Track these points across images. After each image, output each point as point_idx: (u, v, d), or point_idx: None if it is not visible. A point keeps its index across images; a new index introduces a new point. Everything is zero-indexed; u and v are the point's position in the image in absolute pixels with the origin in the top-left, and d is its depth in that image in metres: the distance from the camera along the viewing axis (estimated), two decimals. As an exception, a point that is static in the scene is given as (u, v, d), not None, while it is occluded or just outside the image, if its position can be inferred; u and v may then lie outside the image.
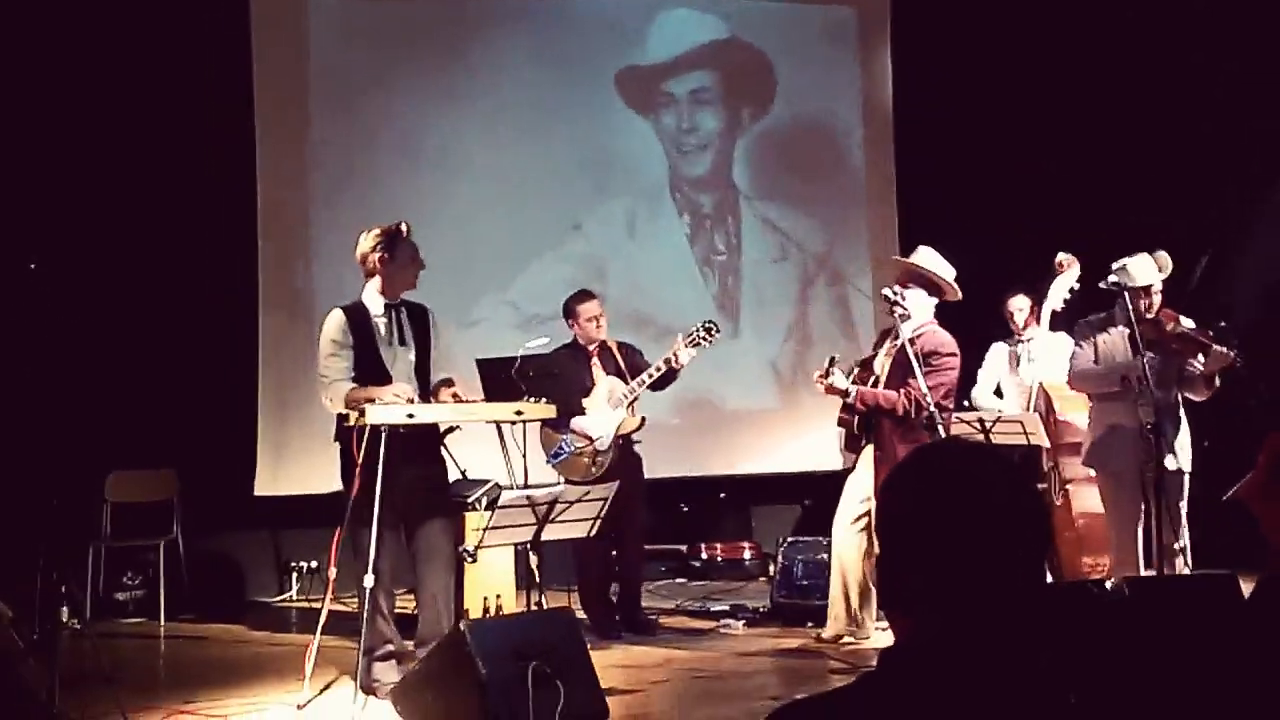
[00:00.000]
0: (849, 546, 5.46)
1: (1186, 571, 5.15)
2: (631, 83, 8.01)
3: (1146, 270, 5.26)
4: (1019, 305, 6.62)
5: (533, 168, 7.69)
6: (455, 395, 4.75)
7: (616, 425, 5.89)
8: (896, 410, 5.23)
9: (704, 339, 5.83)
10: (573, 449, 5.87)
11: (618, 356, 6.06)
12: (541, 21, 7.83)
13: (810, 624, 5.77)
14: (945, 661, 1.39)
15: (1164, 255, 5.31)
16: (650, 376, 5.84)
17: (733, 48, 8.27)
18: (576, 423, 5.86)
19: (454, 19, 7.65)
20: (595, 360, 6.07)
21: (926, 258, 5.60)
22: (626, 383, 5.92)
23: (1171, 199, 6.99)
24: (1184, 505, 5.28)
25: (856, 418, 5.46)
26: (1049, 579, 5.90)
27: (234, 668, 5.35)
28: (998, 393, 6.75)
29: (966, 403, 6.64)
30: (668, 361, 5.79)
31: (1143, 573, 5.10)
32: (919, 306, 5.44)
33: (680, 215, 8.19)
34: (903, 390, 5.22)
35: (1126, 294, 5.18)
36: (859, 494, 5.46)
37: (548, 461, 5.93)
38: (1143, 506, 5.20)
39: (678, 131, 8.15)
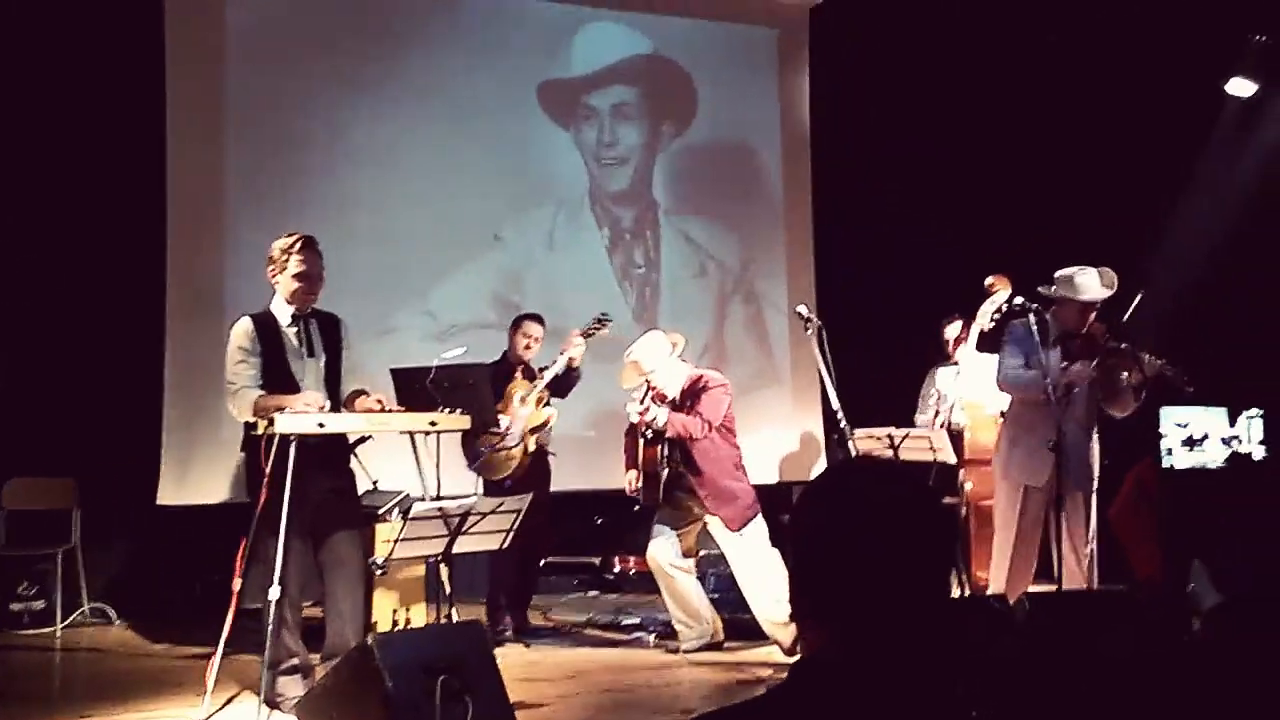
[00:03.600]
0: None
1: (1085, 586, 5.25)
2: (553, 95, 7.98)
3: (1094, 285, 5.33)
4: (952, 331, 6.74)
5: (454, 178, 7.61)
6: (380, 403, 4.68)
7: (525, 420, 6.01)
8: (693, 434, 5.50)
9: (595, 329, 6.13)
10: (487, 448, 5.86)
11: (536, 382, 6.17)
12: (465, 31, 7.76)
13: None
14: (854, 674, 1.41)
15: (1110, 273, 5.39)
16: (550, 373, 6.04)
17: (655, 63, 8.30)
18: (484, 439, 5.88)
19: (378, 25, 7.54)
20: (517, 375, 6.20)
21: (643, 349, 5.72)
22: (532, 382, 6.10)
23: (1086, 219, 7.15)
24: (1093, 519, 5.39)
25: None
26: (957, 593, 5.99)
27: (133, 681, 5.18)
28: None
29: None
30: (565, 355, 6.05)
31: (1039, 587, 5.20)
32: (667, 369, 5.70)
33: (600, 228, 8.18)
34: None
35: (1067, 305, 5.27)
36: None
37: (469, 467, 5.92)
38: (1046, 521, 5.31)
39: (598, 145, 8.14)
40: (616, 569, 7.72)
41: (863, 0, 8.04)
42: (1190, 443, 4.79)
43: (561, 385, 6.16)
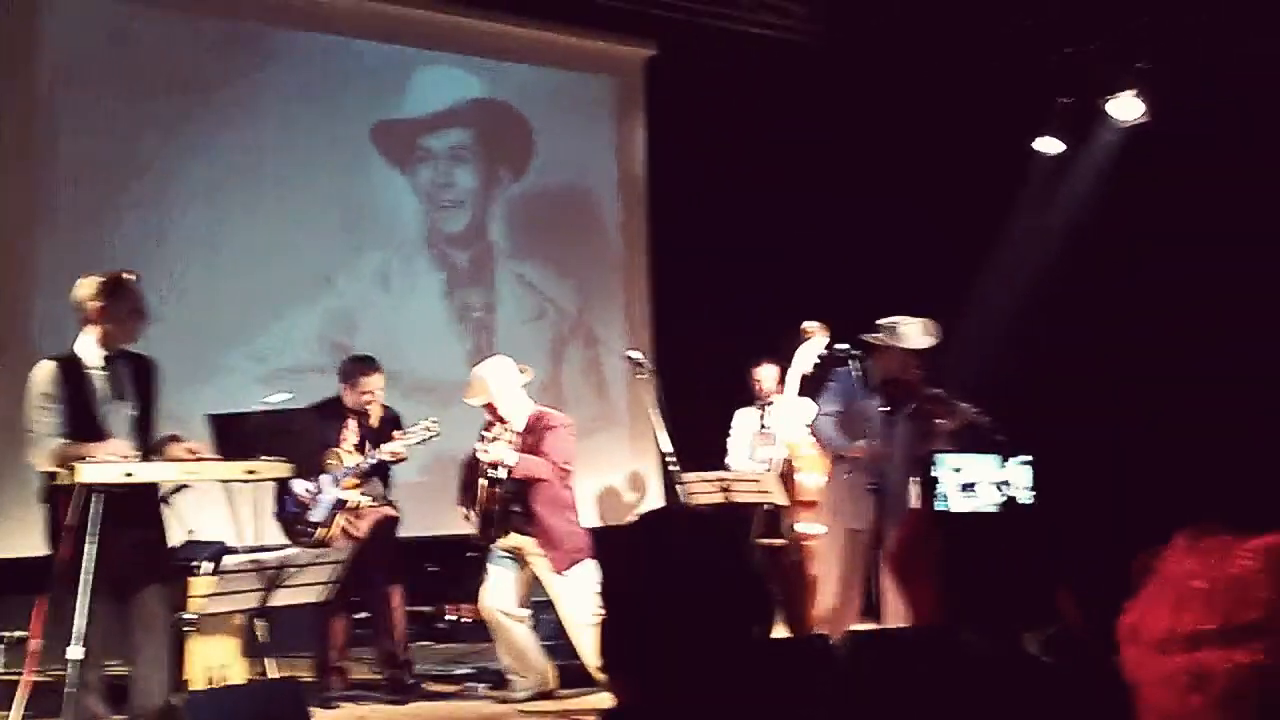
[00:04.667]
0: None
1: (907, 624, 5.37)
2: (389, 136, 7.87)
3: (917, 334, 5.51)
4: (767, 373, 6.84)
5: (286, 218, 7.40)
6: (191, 450, 4.48)
7: (334, 500, 5.65)
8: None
9: (419, 437, 5.77)
10: (292, 511, 5.61)
11: (370, 425, 5.86)
12: (299, 69, 7.59)
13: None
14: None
15: (932, 323, 5.58)
16: (366, 464, 5.70)
17: (491, 107, 8.27)
18: (296, 484, 5.58)
19: (209, 61, 7.31)
20: (351, 422, 5.87)
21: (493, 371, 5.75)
22: (361, 454, 5.74)
23: (906, 270, 7.41)
24: None
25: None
26: (787, 633, 6.07)
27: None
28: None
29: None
30: (393, 454, 5.72)
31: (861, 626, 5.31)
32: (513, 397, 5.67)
33: (437, 271, 8.07)
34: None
35: (891, 352, 5.43)
36: None
37: (274, 515, 5.66)
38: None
39: (434, 187, 8.05)
40: (450, 617, 7.53)
41: (696, 52, 8.20)
42: (966, 488, 4.99)
43: (377, 470, 5.82)
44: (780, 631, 6.21)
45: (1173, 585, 1.11)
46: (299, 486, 5.58)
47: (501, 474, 5.55)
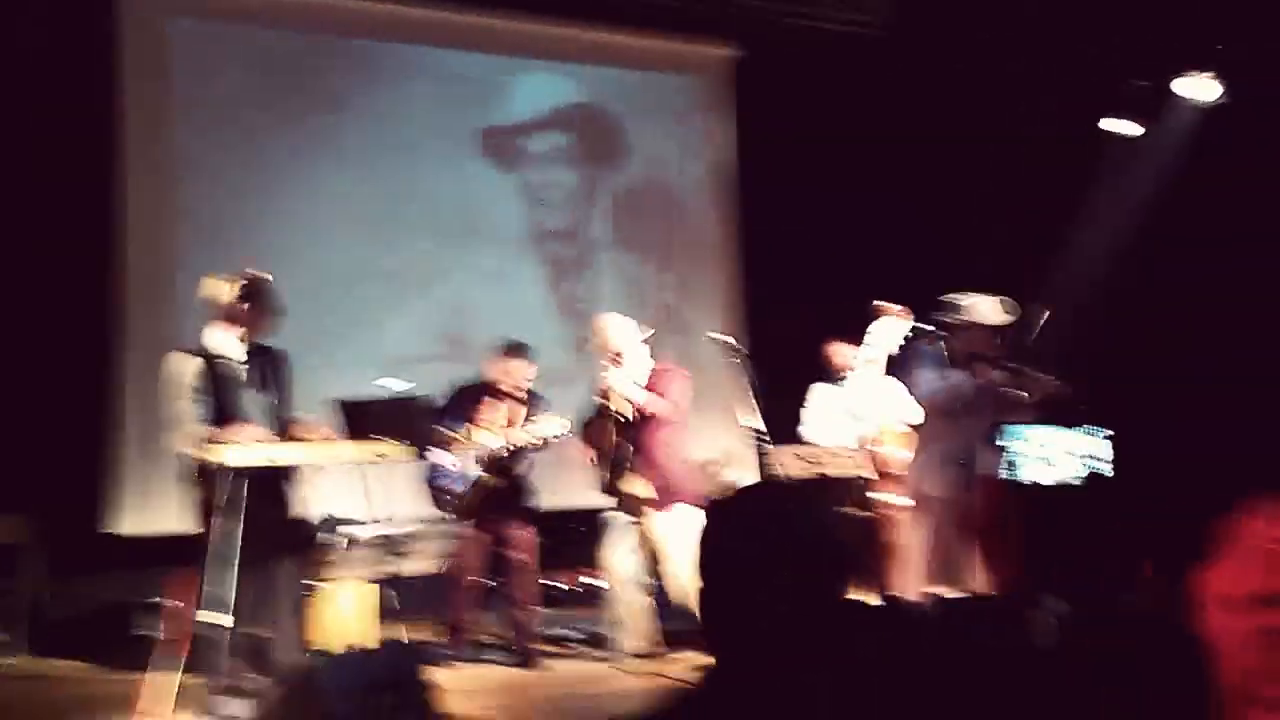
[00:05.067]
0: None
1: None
2: (493, 140, 7.99)
3: (996, 310, 5.38)
4: (843, 350, 6.72)
5: (401, 219, 7.57)
6: (322, 433, 4.59)
7: (474, 476, 5.60)
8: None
9: (552, 432, 5.62)
10: (441, 481, 5.56)
11: (512, 405, 5.75)
12: (412, 80, 7.74)
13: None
14: (754, 682, 1.42)
15: (1010, 300, 5.45)
16: (503, 451, 5.60)
17: (588, 110, 8.33)
18: (439, 455, 5.57)
19: (331, 75, 7.50)
20: (497, 404, 5.74)
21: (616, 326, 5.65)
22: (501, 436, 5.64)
23: (991, 251, 7.25)
24: None
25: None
26: (876, 600, 6.00)
27: (86, 704, 5.00)
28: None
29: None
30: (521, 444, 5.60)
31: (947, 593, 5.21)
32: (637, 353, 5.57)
33: (541, 265, 8.15)
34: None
35: (974, 329, 5.31)
36: None
37: (425, 479, 5.63)
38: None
39: (538, 186, 8.14)
40: (555, 584, 7.57)
41: (779, 50, 8.13)
42: (1047, 460, 4.85)
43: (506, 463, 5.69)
44: (869, 598, 6.14)
45: (1251, 548, 1.07)
46: (447, 459, 5.56)
47: (626, 410, 5.45)
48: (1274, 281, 6.69)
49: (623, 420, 5.47)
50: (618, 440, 5.49)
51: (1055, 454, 4.90)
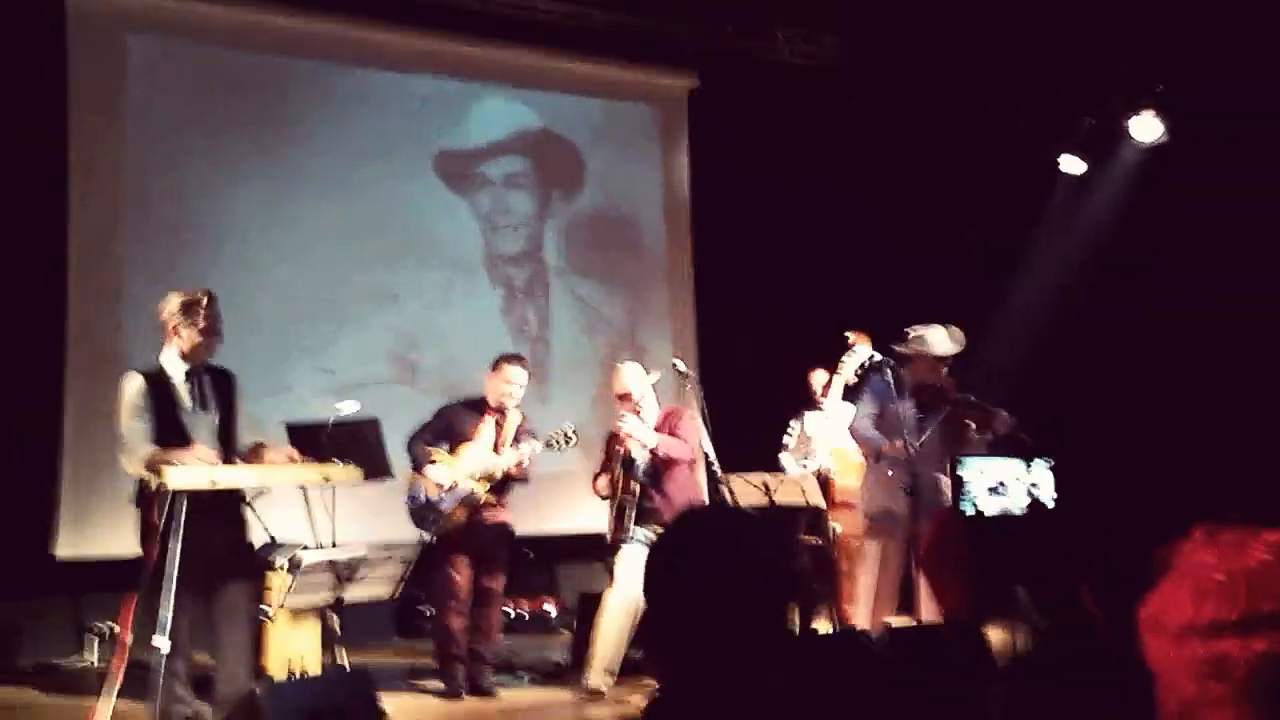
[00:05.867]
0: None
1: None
2: (449, 163, 7.97)
3: (944, 342, 5.47)
4: (818, 379, 6.83)
5: (352, 240, 7.52)
6: (291, 457, 4.53)
7: (464, 493, 5.50)
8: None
9: (559, 443, 5.59)
10: (424, 500, 5.51)
11: (508, 427, 5.66)
12: (365, 102, 7.70)
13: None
14: (697, 708, 1.41)
15: (958, 331, 5.54)
16: (499, 471, 5.52)
17: (544, 136, 8.35)
18: (431, 471, 5.49)
19: (282, 95, 7.45)
20: (489, 419, 5.64)
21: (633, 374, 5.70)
22: (495, 456, 5.56)
23: (939, 277, 7.37)
24: None
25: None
26: (831, 629, 6.03)
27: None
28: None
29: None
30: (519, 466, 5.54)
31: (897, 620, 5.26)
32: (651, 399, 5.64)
33: (494, 288, 8.14)
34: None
35: (921, 359, 5.39)
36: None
37: (404, 501, 5.59)
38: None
39: (493, 211, 8.14)
40: (510, 611, 7.54)
41: (735, 82, 8.23)
42: (992, 489, 4.94)
43: (500, 482, 5.60)
44: (821, 625, 6.16)
45: (1192, 577, 1.10)
46: (434, 474, 5.47)
47: (639, 458, 5.45)
48: (1216, 314, 6.87)
49: (633, 463, 5.47)
50: (624, 485, 5.49)
51: (1001, 483, 4.98)
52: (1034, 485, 4.92)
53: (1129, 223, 7.51)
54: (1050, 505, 4.73)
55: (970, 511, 4.87)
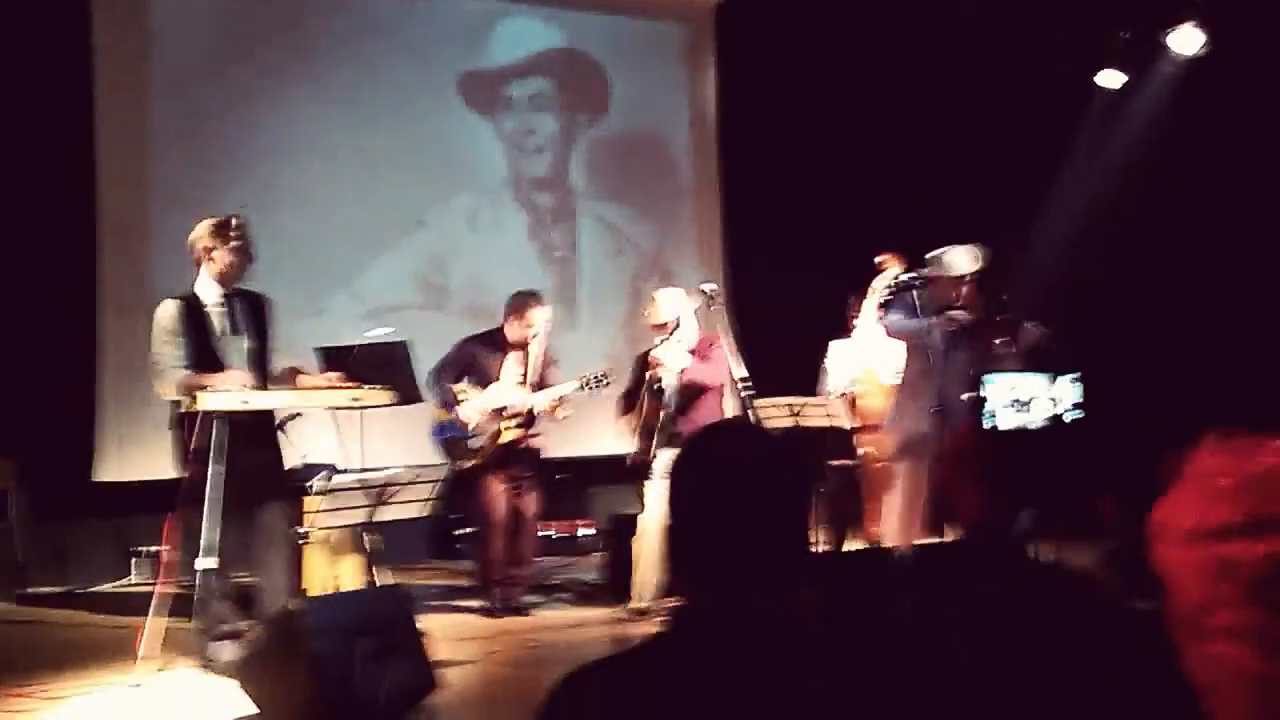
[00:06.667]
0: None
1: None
2: (473, 86, 7.92)
3: (963, 261, 5.44)
4: (850, 303, 6.79)
5: (378, 165, 7.53)
6: (330, 381, 4.59)
7: (494, 431, 5.55)
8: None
9: (594, 385, 5.59)
10: (452, 435, 5.57)
11: (533, 362, 5.68)
12: (387, 24, 7.65)
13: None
14: (719, 624, 1.42)
15: (976, 249, 5.49)
16: (530, 409, 5.57)
17: (569, 56, 8.27)
18: (462, 410, 5.56)
19: (298, 20, 7.41)
20: (512, 355, 5.65)
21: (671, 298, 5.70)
22: (524, 394, 5.58)
23: (975, 198, 7.28)
24: None
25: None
26: (855, 547, 6.11)
27: (72, 651, 5.07)
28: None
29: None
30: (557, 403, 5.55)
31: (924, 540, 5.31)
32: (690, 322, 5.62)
33: (520, 212, 8.14)
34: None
35: (941, 281, 5.36)
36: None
37: (431, 436, 5.66)
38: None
39: (518, 133, 8.10)
40: (544, 533, 7.67)
41: (762, 2, 8.08)
42: (1017, 404, 4.92)
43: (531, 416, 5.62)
44: (850, 546, 6.24)
45: (1200, 482, 1.12)
46: (464, 413, 5.53)
47: (669, 384, 5.47)
48: (1243, 226, 6.77)
49: (664, 389, 5.48)
50: (652, 408, 5.51)
51: (1024, 399, 4.97)
52: (1055, 400, 4.91)
53: (1167, 138, 7.37)
54: (1070, 419, 4.73)
55: (990, 426, 4.87)
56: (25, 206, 6.38)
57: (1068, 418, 4.73)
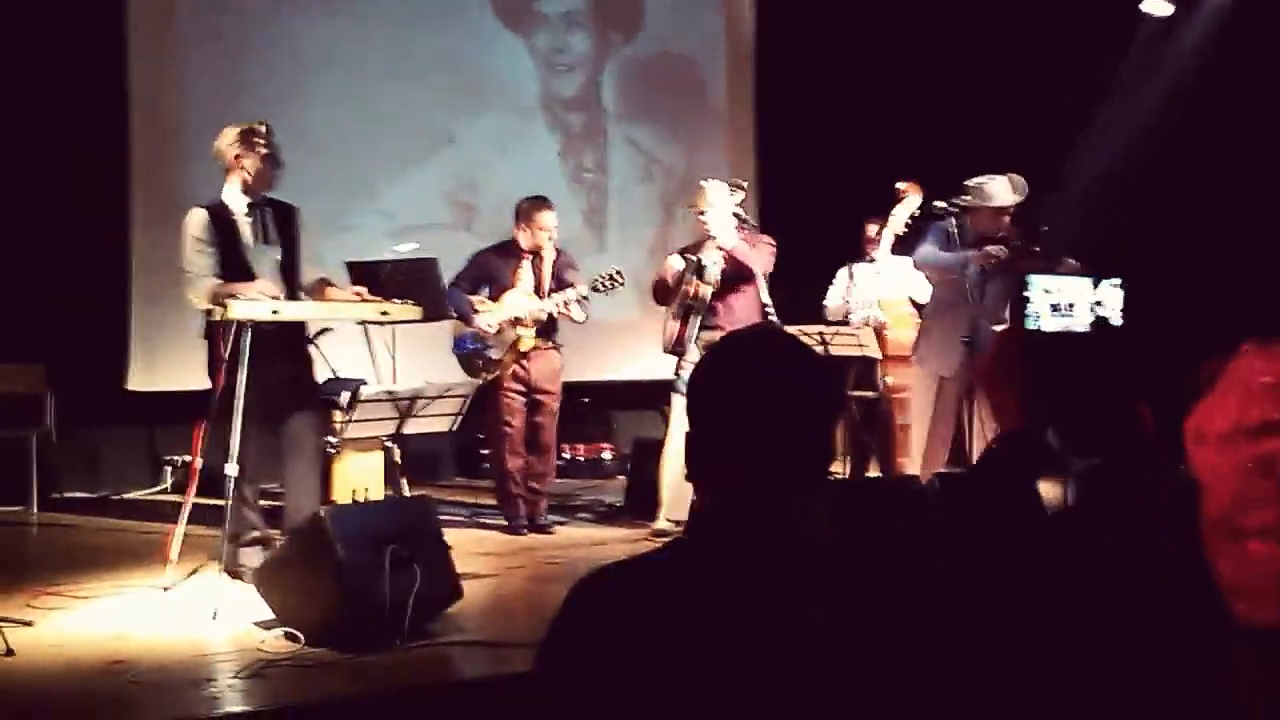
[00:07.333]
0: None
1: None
2: (505, 1, 7.81)
3: (1004, 192, 5.34)
4: (871, 231, 6.71)
5: (407, 81, 7.46)
6: (358, 294, 4.61)
7: (512, 339, 5.55)
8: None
9: (605, 286, 5.57)
10: (472, 347, 5.59)
11: (545, 268, 5.64)
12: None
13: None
14: (732, 530, 1.40)
15: (1020, 179, 5.39)
16: (545, 314, 5.56)
17: (603, -29, 8.13)
18: (479, 320, 5.55)
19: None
20: (526, 262, 5.62)
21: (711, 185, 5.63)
22: (539, 300, 5.58)
23: (1009, 128, 7.14)
24: None
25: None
26: (878, 474, 6.11)
27: (102, 554, 5.19)
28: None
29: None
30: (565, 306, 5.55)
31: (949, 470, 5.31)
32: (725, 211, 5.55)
33: (550, 133, 8.07)
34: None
35: (981, 212, 5.28)
36: None
37: (452, 349, 5.68)
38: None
39: (549, 50, 7.99)
40: (567, 455, 7.73)
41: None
42: (1057, 309, 4.87)
43: (547, 325, 5.64)
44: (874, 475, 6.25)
45: (1241, 383, 1.11)
46: (482, 322, 5.54)
47: (712, 260, 5.42)
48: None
49: (704, 268, 5.40)
50: (695, 288, 5.43)
51: (1066, 302, 4.91)
52: (1098, 304, 4.84)
53: (1215, 65, 7.17)
54: (1115, 324, 4.65)
55: (1033, 329, 4.81)
56: (57, 117, 6.39)
57: (1113, 322, 4.66)
